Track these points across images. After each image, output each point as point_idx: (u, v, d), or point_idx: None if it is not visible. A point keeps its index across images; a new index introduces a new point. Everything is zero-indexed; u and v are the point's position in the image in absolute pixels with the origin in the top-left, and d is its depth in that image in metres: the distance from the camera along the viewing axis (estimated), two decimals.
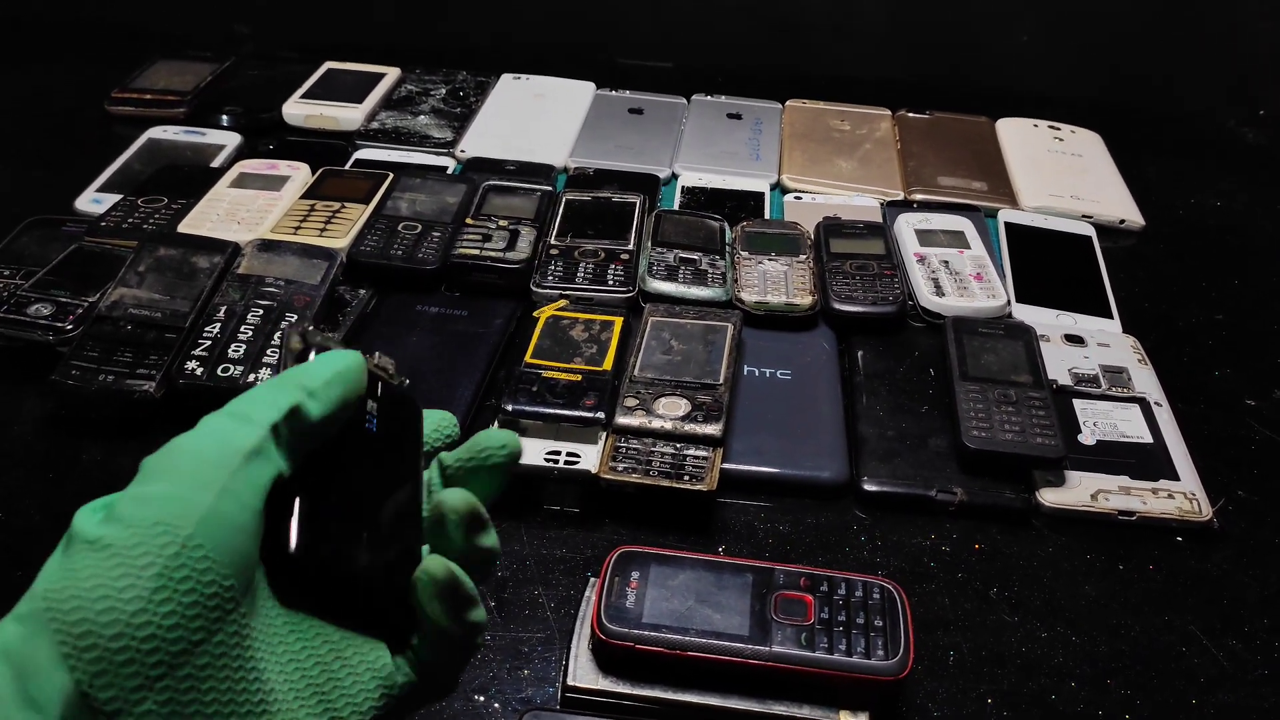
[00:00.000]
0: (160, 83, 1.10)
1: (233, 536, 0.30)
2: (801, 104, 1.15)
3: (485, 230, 0.84)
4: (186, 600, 0.29)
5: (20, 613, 0.28)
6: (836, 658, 0.52)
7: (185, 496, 0.29)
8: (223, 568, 0.30)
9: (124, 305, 0.73)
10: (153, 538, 0.28)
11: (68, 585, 0.28)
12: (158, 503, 0.29)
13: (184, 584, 0.29)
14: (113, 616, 0.27)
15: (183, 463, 0.30)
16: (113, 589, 0.28)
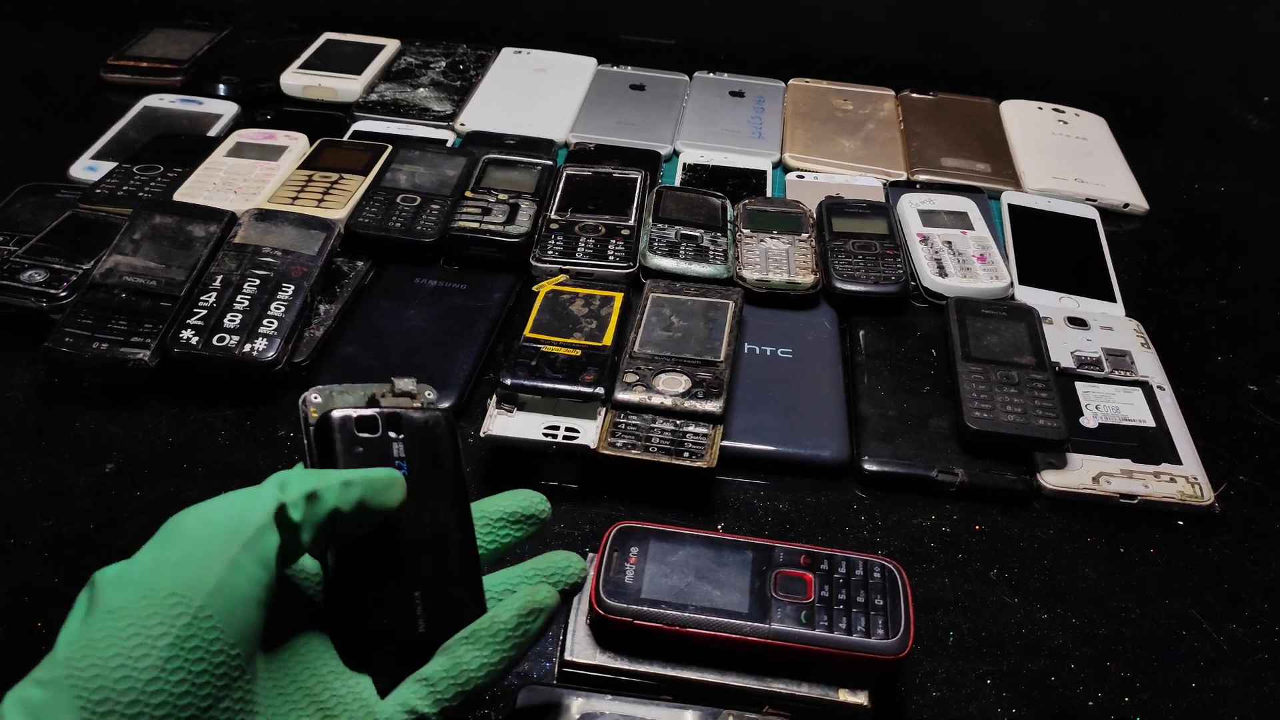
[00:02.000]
0: (157, 51, 1.09)
1: (239, 608, 0.32)
2: (804, 83, 1.14)
3: (485, 203, 0.83)
4: (197, 669, 0.31)
5: (43, 678, 0.30)
6: (836, 636, 0.52)
7: (197, 567, 0.32)
8: (230, 637, 0.32)
9: (118, 273, 0.72)
10: (167, 608, 0.31)
11: (87, 653, 0.30)
12: (171, 571, 0.32)
13: (194, 653, 0.31)
14: (129, 684, 0.30)
15: (197, 532, 0.33)
16: (129, 657, 0.30)
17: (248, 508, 0.34)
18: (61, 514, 0.61)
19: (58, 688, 0.30)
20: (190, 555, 0.32)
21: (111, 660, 0.30)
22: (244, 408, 0.69)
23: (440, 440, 0.41)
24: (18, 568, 0.57)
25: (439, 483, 0.40)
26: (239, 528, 0.33)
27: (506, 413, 0.68)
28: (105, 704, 0.30)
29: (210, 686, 0.31)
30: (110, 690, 0.30)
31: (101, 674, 0.30)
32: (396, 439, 0.39)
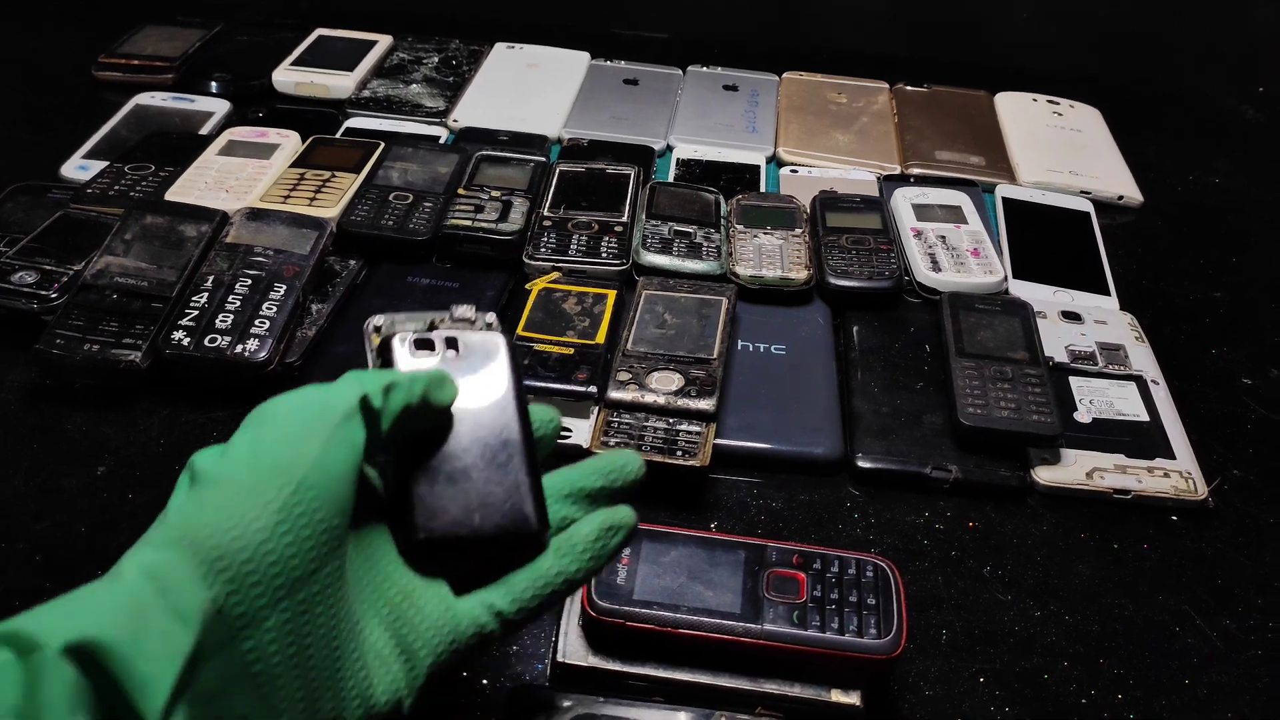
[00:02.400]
0: (148, 48, 1.08)
1: (335, 483, 0.35)
2: (798, 76, 1.13)
3: (478, 201, 0.83)
4: (304, 534, 0.33)
5: (157, 540, 0.32)
6: (828, 636, 0.51)
7: (296, 445, 0.34)
8: (329, 508, 0.34)
9: (110, 274, 0.72)
10: (273, 477, 0.33)
11: (202, 518, 0.32)
12: (272, 448, 0.34)
13: (300, 519, 0.33)
14: (243, 544, 0.32)
15: (292, 415, 0.35)
16: (241, 520, 0.32)
17: (335, 395, 0.36)
18: (53, 516, 0.61)
19: (175, 548, 0.32)
20: (288, 434, 0.35)
21: (225, 523, 0.32)
22: (236, 409, 0.68)
23: (497, 360, 0.43)
24: (9, 571, 0.57)
25: (496, 401, 0.42)
26: (329, 411, 0.35)
27: None
28: (222, 561, 0.32)
29: (315, 551, 0.34)
30: (226, 549, 0.32)
31: (216, 535, 0.32)
32: (453, 358, 0.42)
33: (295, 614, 0.34)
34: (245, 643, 0.32)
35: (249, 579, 0.32)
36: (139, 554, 0.32)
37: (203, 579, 0.32)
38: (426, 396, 0.39)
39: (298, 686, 0.34)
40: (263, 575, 0.33)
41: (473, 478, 0.40)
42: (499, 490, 0.40)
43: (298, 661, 0.34)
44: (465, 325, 0.44)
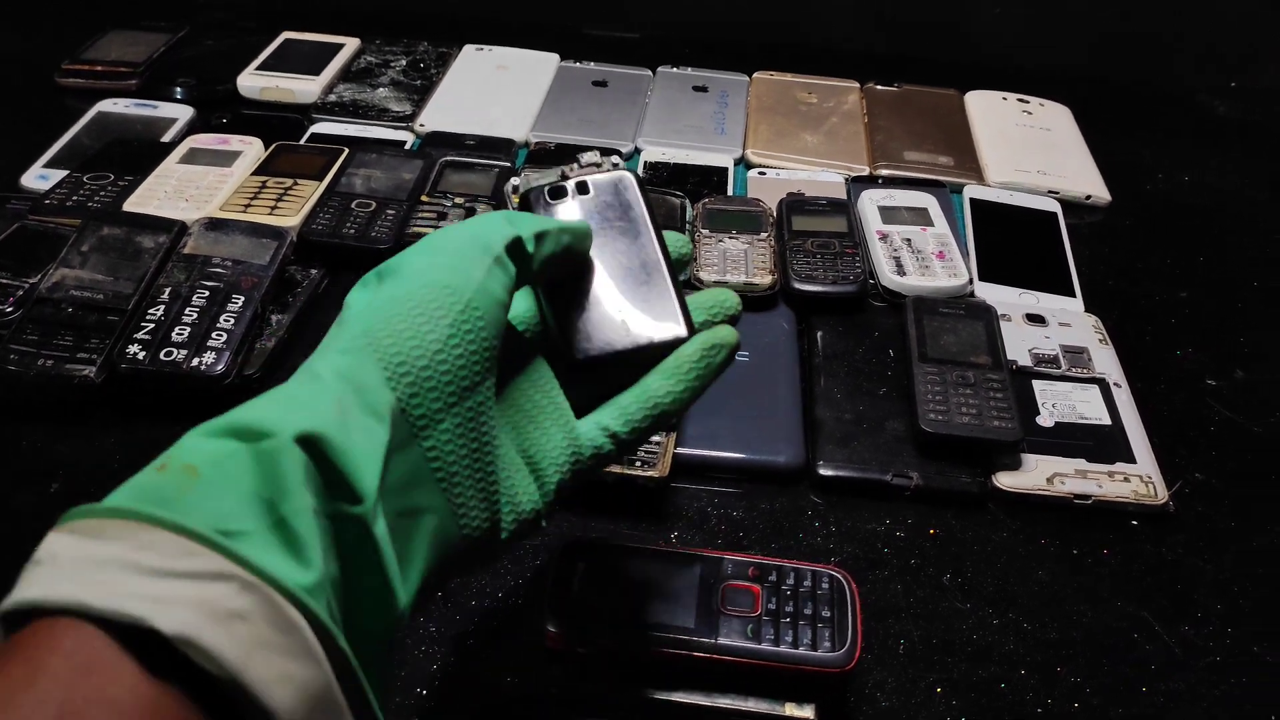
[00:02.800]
0: (112, 54, 1.07)
1: (495, 307, 0.38)
2: (769, 76, 1.13)
3: (441, 208, 0.83)
4: (471, 348, 0.37)
5: (344, 347, 0.36)
6: (782, 650, 0.51)
7: (464, 270, 0.38)
8: (490, 328, 0.38)
9: (65, 286, 0.71)
10: (445, 296, 0.37)
11: (383, 325, 0.36)
12: (444, 270, 0.38)
13: (467, 335, 0.37)
14: (421, 352, 0.36)
15: (460, 243, 0.39)
16: (419, 332, 0.36)
17: (495, 231, 0.39)
18: (4, 536, 0.60)
19: (360, 353, 0.36)
20: (455, 261, 0.38)
21: (404, 332, 0.36)
22: (193, 422, 0.68)
23: (626, 193, 0.47)
24: None
25: (629, 228, 0.46)
26: (490, 245, 0.39)
27: None
28: (403, 365, 0.36)
29: (480, 364, 0.38)
30: (406, 355, 0.36)
31: (397, 342, 0.36)
32: (586, 198, 0.46)
33: (465, 419, 0.37)
34: (425, 441, 0.36)
35: (427, 384, 0.36)
36: (329, 358, 0.36)
37: (387, 382, 0.35)
38: (571, 245, 0.43)
39: (469, 484, 0.38)
40: (438, 382, 0.36)
41: (620, 296, 0.44)
42: (645, 304, 0.44)
43: (469, 462, 0.38)
44: (594, 169, 0.48)
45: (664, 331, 0.44)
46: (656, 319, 0.44)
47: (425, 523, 0.37)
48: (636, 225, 0.46)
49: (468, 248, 0.39)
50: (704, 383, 0.44)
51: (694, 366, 0.43)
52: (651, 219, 0.46)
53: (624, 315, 0.44)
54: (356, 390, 0.35)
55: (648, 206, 0.47)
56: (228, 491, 0.31)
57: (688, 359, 0.43)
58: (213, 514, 0.30)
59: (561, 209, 0.46)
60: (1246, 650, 0.59)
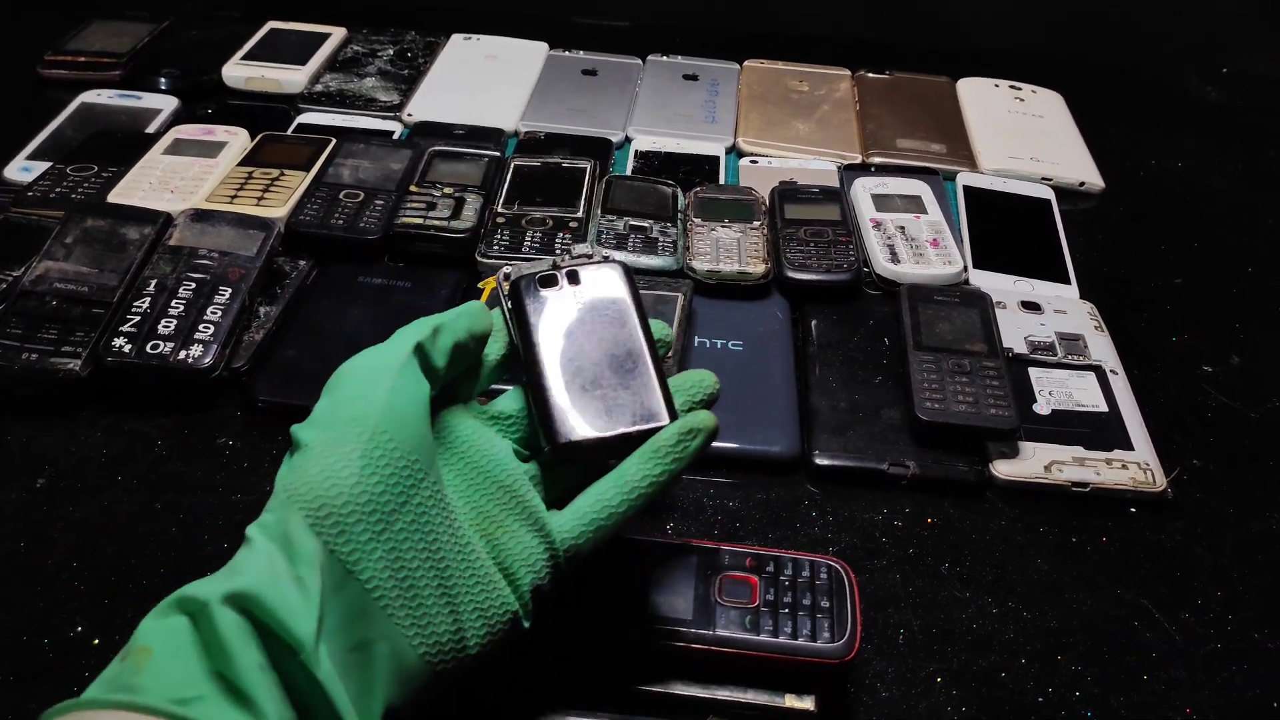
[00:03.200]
0: (96, 44, 1.06)
1: (408, 423, 0.40)
2: (759, 64, 1.12)
3: (429, 198, 0.82)
4: (387, 472, 0.38)
5: (270, 507, 0.38)
6: (781, 641, 0.51)
7: (365, 398, 0.40)
8: (405, 446, 0.39)
9: (49, 279, 0.70)
10: (351, 428, 0.39)
11: (299, 477, 0.38)
12: (346, 405, 0.40)
13: (381, 460, 0.38)
14: (338, 491, 0.37)
15: (357, 374, 0.41)
16: (333, 472, 0.38)
17: (391, 349, 0.42)
18: None
19: (283, 509, 0.37)
20: (355, 392, 0.40)
21: (318, 476, 0.38)
22: (181, 416, 0.67)
23: (616, 285, 0.49)
24: None
25: (619, 319, 0.48)
26: (387, 365, 0.41)
27: None
28: (324, 509, 0.37)
29: (400, 485, 0.39)
30: (325, 498, 0.37)
31: (314, 487, 0.37)
32: (576, 289, 0.48)
33: (397, 543, 0.38)
34: (362, 574, 0.37)
35: (349, 519, 0.37)
36: (259, 521, 0.38)
37: (311, 529, 0.37)
38: (470, 329, 0.45)
39: (414, 608, 0.39)
40: (360, 515, 0.38)
41: (603, 385, 0.46)
42: (628, 392, 0.46)
43: (410, 584, 0.39)
44: (585, 260, 0.49)
45: (646, 420, 0.45)
46: (640, 407, 0.45)
47: (378, 650, 0.38)
48: (624, 314, 0.48)
49: (366, 375, 0.41)
50: (681, 467, 0.45)
51: (670, 451, 0.45)
52: (638, 309, 0.48)
53: (607, 403, 0.45)
54: (283, 543, 0.37)
55: (635, 296, 0.49)
56: (178, 663, 0.34)
57: (665, 444, 0.45)
58: (168, 686, 0.34)
59: (552, 297, 0.48)
60: (1247, 637, 0.58)
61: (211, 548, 0.59)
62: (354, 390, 0.40)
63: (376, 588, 0.38)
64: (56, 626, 0.54)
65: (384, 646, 0.38)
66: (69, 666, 0.52)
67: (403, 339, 0.42)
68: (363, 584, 0.38)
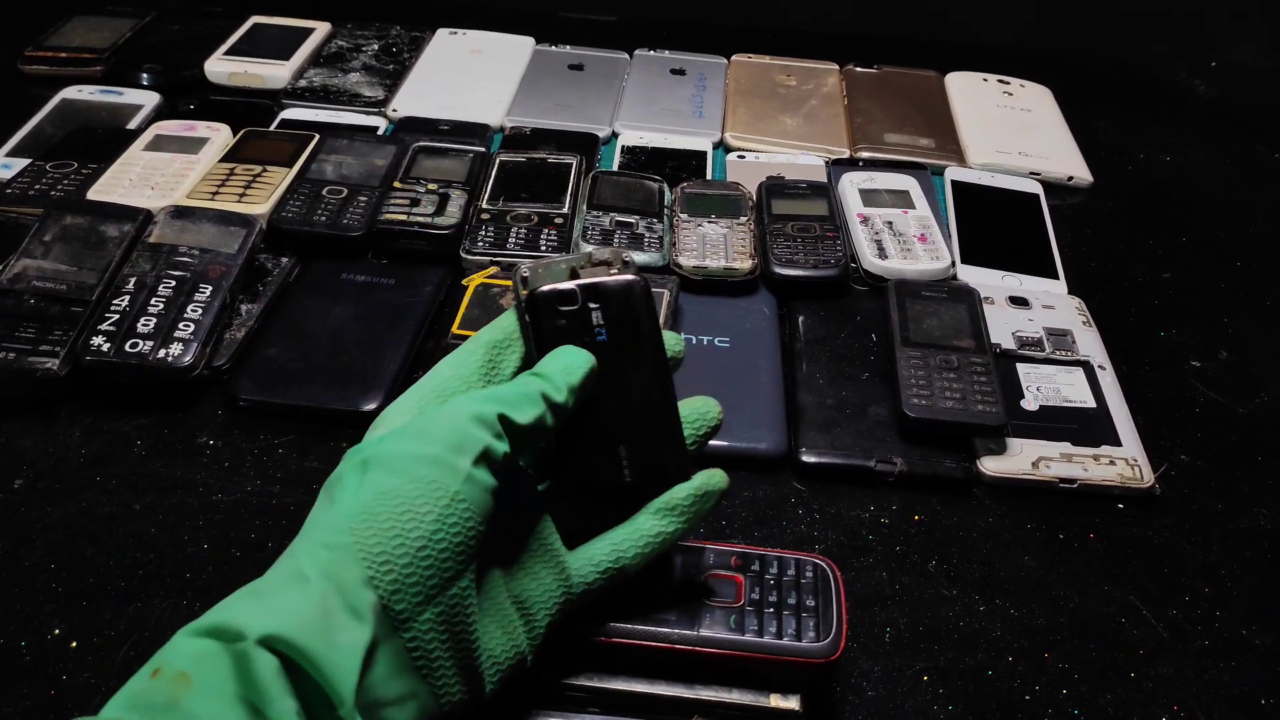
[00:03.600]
0: (76, 40, 1.05)
1: (483, 495, 0.39)
2: (747, 59, 1.12)
3: (413, 194, 0.81)
4: (455, 539, 0.38)
5: (329, 541, 0.38)
6: (766, 640, 0.50)
7: (451, 461, 0.39)
8: (477, 517, 0.39)
9: (27, 277, 0.69)
10: (430, 490, 0.38)
11: (368, 524, 0.37)
12: (430, 464, 0.39)
13: (453, 528, 0.38)
14: (404, 550, 0.37)
15: (447, 432, 0.40)
16: (403, 529, 0.37)
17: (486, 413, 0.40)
18: None
19: (345, 550, 0.37)
20: (442, 452, 0.39)
21: (389, 530, 0.37)
22: (161, 415, 0.67)
23: (636, 303, 0.45)
24: None
25: (636, 343, 0.45)
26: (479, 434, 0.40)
27: None
28: (386, 564, 0.37)
29: (464, 554, 0.39)
30: (389, 553, 0.37)
31: (381, 540, 0.37)
32: (595, 308, 0.45)
33: (447, 607, 0.38)
34: (406, 634, 0.38)
35: (408, 580, 0.37)
36: (314, 553, 0.37)
37: (370, 581, 0.37)
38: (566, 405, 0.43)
39: (450, 667, 0.39)
40: (420, 577, 0.37)
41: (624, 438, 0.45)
42: (649, 448, 0.45)
43: (450, 648, 0.39)
44: (604, 269, 0.46)
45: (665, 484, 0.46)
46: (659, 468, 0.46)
47: (408, 709, 0.38)
48: (643, 348, 0.46)
49: (456, 435, 0.40)
50: (693, 524, 0.47)
51: (685, 510, 0.46)
52: (655, 337, 0.46)
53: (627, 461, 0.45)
54: (339, 589, 0.36)
55: (654, 322, 0.46)
56: (218, 701, 0.33)
57: (681, 503, 0.46)
58: None
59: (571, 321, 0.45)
60: (1235, 633, 0.58)
61: (192, 548, 0.58)
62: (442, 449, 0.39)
63: (418, 649, 0.38)
64: (35, 628, 0.54)
65: (413, 705, 0.38)
66: (47, 668, 0.52)
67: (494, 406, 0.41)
68: (405, 643, 0.38)
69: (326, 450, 0.65)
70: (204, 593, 0.56)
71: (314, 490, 0.60)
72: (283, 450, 0.65)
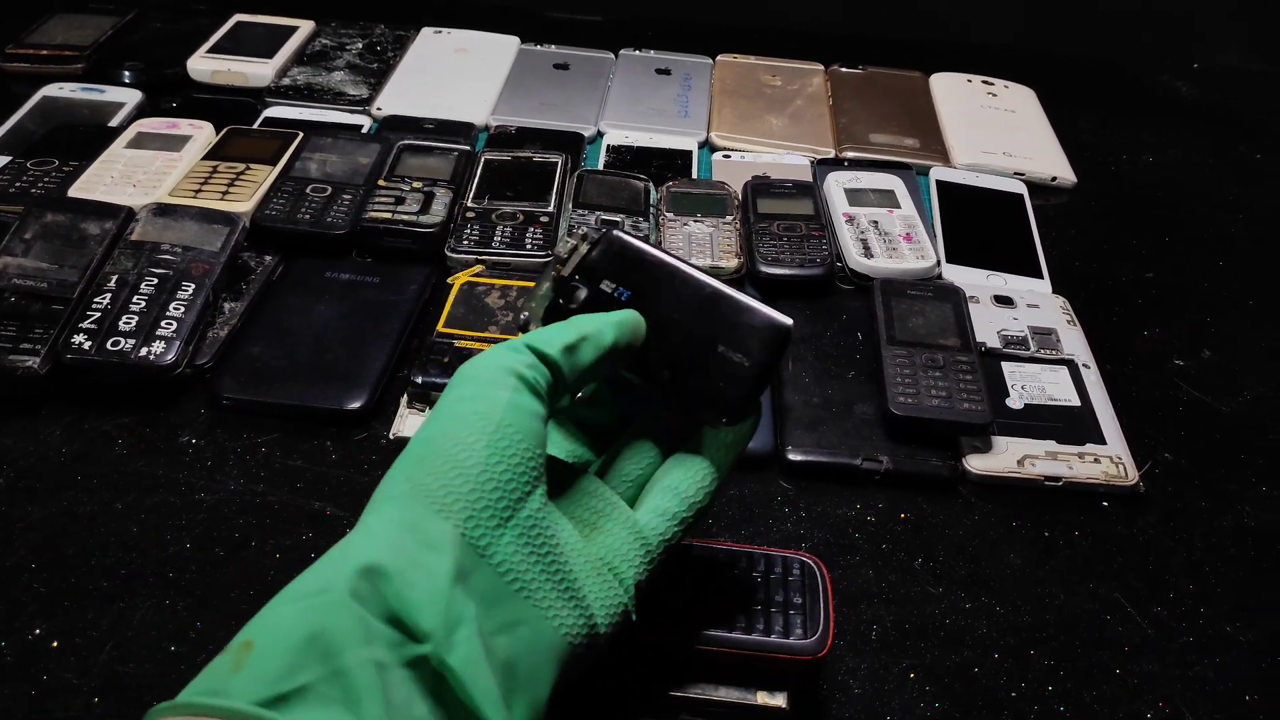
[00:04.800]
0: (58, 37, 1.04)
1: (529, 419, 0.40)
2: (732, 59, 1.12)
3: (398, 192, 0.81)
4: (513, 461, 0.39)
5: (390, 494, 0.38)
6: (753, 638, 0.50)
7: (488, 394, 0.39)
8: (528, 439, 0.39)
9: (8, 275, 0.68)
10: (475, 421, 0.39)
11: (421, 468, 0.38)
12: (469, 401, 0.40)
13: (507, 449, 0.38)
14: (463, 479, 0.38)
15: (480, 372, 0.40)
16: (458, 461, 0.38)
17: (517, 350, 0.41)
18: None
19: (406, 497, 0.37)
20: (478, 389, 0.40)
21: (443, 465, 0.38)
22: (143, 414, 0.66)
23: (626, 250, 0.47)
24: None
25: (656, 278, 0.46)
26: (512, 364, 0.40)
27: (419, 412, 0.66)
28: (449, 496, 0.37)
29: (526, 476, 0.39)
30: (451, 486, 0.37)
31: (439, 476, 0.37)
32: (600, 285, 0.46)
33: (525, 529, 0.38)
34: (493, 559, 0.37)
35: (477, 505, 0.37)
36: (378, 509, 0.38)
37: (439, 514, 0.37)
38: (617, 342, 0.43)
39: (550, 589, 0.39)
40: (488, 501, 0.38)
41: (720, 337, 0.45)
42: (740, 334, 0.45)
43: (542, 568, 0.39)
44: (576, 253, 0.47)
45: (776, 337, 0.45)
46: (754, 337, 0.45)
47: (520, 634, 0.38)
48: (664, 277, 0.46)
49: (490, 372, 0.40)
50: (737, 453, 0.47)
51: (728, 447, 0.46)
52: (667, 262, 0.46)
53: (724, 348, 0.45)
54: (410, 530, 0.36)
55: (655, 252, 0.46)
56: (279, 657, 0.32)
57: (722, 440, 0.46)
58: (263, 683, 0.32)
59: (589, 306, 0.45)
60: (1219, 630, 0.58)
61: (175, 548, 0.58)
62: (478, 387, 0.40)
63: (509, 570, 0.38)
64: (16, 628, 0.53)
65: (524, 630, 0.38)
66: (28, 668, 0.51)
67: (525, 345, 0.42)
68: (495, 568, 0.37)
69: (310, 449, 0.65)
70: (187, 592, 0.56)
71: (298, 489, 0.62)
72: (266, 449, 0.65)
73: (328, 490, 0.62)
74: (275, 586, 0.35)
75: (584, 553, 0.42)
